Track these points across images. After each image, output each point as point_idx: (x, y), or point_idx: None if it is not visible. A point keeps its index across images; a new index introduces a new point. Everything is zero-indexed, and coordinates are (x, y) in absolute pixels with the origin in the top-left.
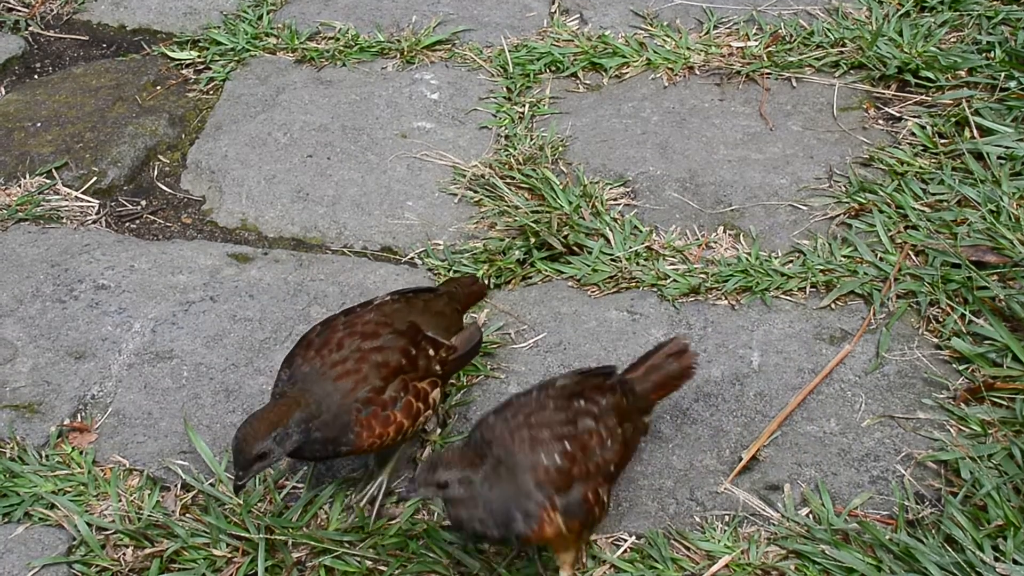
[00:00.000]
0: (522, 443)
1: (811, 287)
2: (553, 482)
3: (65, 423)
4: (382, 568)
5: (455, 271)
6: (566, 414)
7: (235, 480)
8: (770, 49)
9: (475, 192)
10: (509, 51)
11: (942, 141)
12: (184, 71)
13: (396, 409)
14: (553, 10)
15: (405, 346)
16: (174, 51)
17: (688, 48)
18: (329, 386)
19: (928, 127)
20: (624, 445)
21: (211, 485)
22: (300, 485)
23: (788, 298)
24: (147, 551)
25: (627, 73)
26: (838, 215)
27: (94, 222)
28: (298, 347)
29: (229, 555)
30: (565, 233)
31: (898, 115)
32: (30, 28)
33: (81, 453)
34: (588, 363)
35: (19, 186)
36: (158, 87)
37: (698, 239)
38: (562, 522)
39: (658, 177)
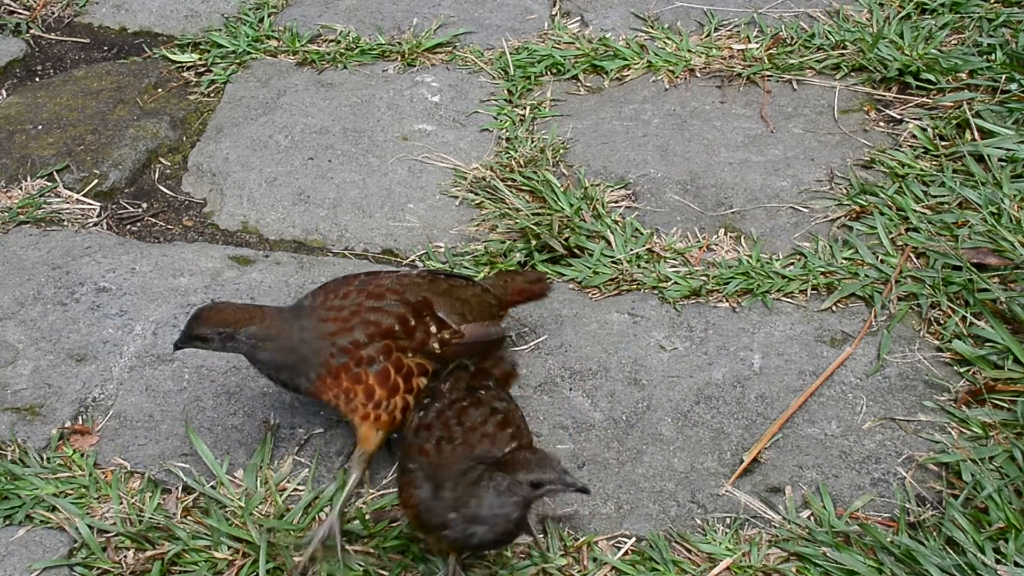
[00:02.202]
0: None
1: (812, 289)
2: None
3: (66, 425)
4: (383, 572)
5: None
6: (489, 406)
7: (176, 340)
8: (771, 51)
9: (476, 194)
10: (510, 53)
11: (943, 143)
12: (185, 74)
13: (371, 370)
14: (554, 12)
15: (404, 314)
16: (175, 54)
17: (689, 50)
18: (312, 322)
19: (929, 129)
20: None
21: (212, 487)
22: (302, 488)
23: (789, 300)
24: (148, 553)
25: (628, 75)
26: (839, 217)
27: (95, 225)
28: (318, 288)
29: (230, 558)
30: (566, 235)
31: (899, 117)
32: (31, 31)
33: (82, 455)
34: (589, 365)
35: (20, 188)
36: (159, 90)
37: (699, 241)
38: None
39: (659, 179)
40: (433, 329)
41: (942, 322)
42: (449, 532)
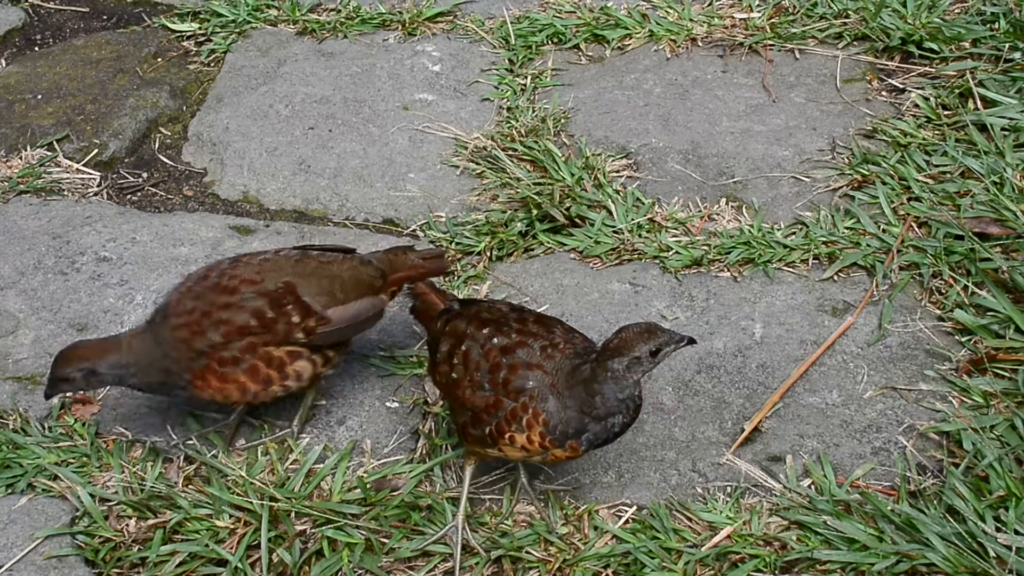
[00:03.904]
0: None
1: (814, 259)
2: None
3: (67, 395)
4: (384, 539)
5: (457, 243)
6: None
7: (45, 391)
8: (773, 20)
9: (477, 164)
10: (511, 23)
11: (946, 113)
12: (185, 43)
13: (238, 370)
14: None
15: (260, 308)
16: (175, 23)
17: (691, 20)
18: (167, 332)
19: (932, 99)
20: None
21: (214, 456)
22: (303, 456)
23: (791, 270)
24: (150, 522)
25: (629, 45)
26: (841, 187)
27: (95, 194)
28: (185, 280)
29: (232, 526)
30: (567, 205)
31: (901, 87)
32: (30, 0)
33: (84, 425)
34: (590, 335)
35: (20, 158)
36: (159, 59)
37: (700, 211)
38: None
39: (660, 149)
40: (296, 319)
41: (944, 291)
42: (589, 434)
